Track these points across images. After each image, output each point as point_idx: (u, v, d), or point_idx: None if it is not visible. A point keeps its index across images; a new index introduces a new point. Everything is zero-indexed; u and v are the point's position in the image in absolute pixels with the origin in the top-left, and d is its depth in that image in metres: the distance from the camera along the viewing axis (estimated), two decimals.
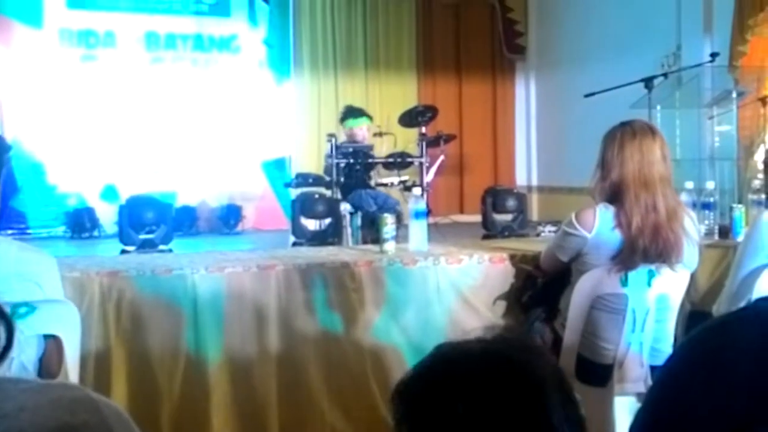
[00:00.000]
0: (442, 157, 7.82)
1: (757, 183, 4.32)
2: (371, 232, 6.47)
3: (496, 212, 7.59)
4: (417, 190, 4.60)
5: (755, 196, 4.15)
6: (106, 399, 1.10)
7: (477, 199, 8.24)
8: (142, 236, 6.81)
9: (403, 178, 7.42)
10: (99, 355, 3.21)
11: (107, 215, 9.61)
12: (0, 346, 1.06)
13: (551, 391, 1.12)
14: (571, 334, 3.13)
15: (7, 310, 2.15)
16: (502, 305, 3.67)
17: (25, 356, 2.31)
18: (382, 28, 11.42)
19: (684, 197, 3.77)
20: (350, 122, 7.47)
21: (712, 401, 1.10)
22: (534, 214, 10.64)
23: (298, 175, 7.99)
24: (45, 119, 9.99)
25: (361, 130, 7.42)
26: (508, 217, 7.59)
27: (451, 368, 1.13)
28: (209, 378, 3.40)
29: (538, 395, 1.11)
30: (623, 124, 3.09)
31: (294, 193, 7.82)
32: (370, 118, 7.60)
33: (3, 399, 1.01)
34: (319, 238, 6.51)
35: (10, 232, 9.04)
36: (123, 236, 6.89)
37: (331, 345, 3.57)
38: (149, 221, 6.89)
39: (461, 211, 11.23)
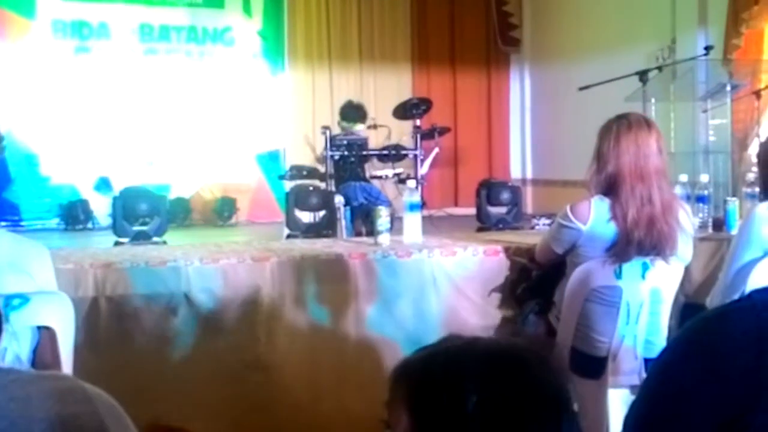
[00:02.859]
0: (436, 150, 7.82)
1: (750, 176, 4.31)
2: (365, 224, 6.46)
3: (491, 205, 7.59)
4: (411, 183, 4.59)
5: (749, 189, 4.14)
6: (98, 390, 1.09)
7: (471, 192, 8.24)
8: (136, 228, 6.80)
9: (398, 170, 7.42)
10: (93, 346, 3.20)
11: (101, 207, 9.59)
12: None
13: (564, 408, 1.12)
14: (565, 326, 3.13)
15: (1, 300, 2.15)
16: (496, 297, 3.67)
17: (18, 347, 2.31)
18: (377, 20, 11.40)
19: (678, 190, 3.77)
20: (343, 124, 7.52)
21: (707, 391, 1.10)
22: (528, 207, 10.65)
23: (292, 168, 7.98)
24: (38, 111, 9.96)
25: (354, 133, 7.45)
26: (503, 209, 7.59)
27: (467, 361, 1.12)
28: (202, 370, 3.39)
29: (555, 409, 1.11)
30: (619, 117, 3.09)
31: (288, 185, 7.81)
32: (364, 121, 7.61)
33: None
34: (313, 231, 6.50)
35: (3, 224, 9.02)
36: (117, 228, 6.87)
37: (324, 337, 3.57)
38: (143, 213, 6.88)
39: (456, 204, 11.23)
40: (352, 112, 7.61)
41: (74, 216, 9.81)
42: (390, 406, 1.17)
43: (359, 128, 7.48)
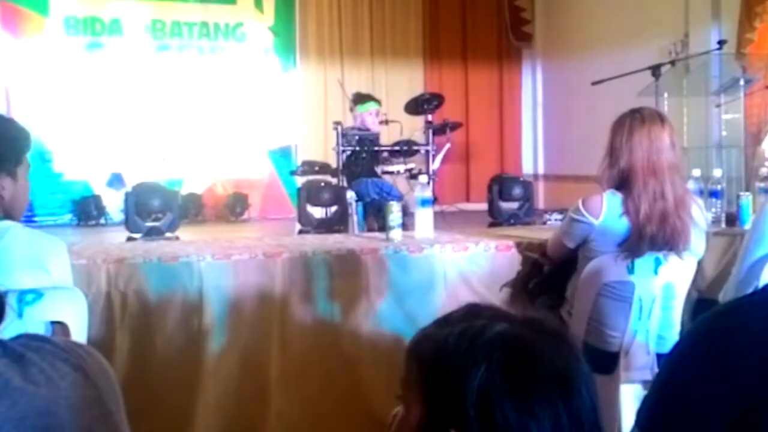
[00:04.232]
0: (448, 145, 7.81)
1: (764, 171, 4.29)
2: (378, 219, 6.46)
3: (503, 200, 7.56)
4: (423, 178, 4.61)
5: (762, 184, 4.13)
6: (90, 349, 1.11)
7: (483, 187, 8.22)
8: (149, 223, 6.79)
9: (409, 166, 7.41)
10: (105, 342, 3.22)
11: (113, 203, 9.63)
12: None
13: (581, 385, 1.12)
14: (577, 321, 3.13)
15: (15, 296, 2.16)
16: (507, 293, 3.67)
17: None
18: (389, 15, 11.39)
19: (691, 185, 3.76)
20: (359, 108, 7.47)
21: (719, 385, 1.10)
22: (540, 202, 10.62)
23: (304, 163, 7.98)
24: (51, 107, 9.99)
25: (371, 114, 7.39)
26: (515, 205, 7.57)
27: (479, 346, 1.11)
28: (214, 365, 3.40)
29: (562, 393, 1.10)
30: (632, 111, 3.08)
31: (300, 180, 7.82)
32: (378, 102, 7.60)
33: None
34: (325, 226, 6.50)
35: None
36: (129, 224, 6.87)
37: (335, 332, 3.57)
38: (155, 209, 6.87)
39: (467, 200, 11.21)
40: (362, 96, 7.61)
41: (87, 212, 9.85)
42: (404, 384, 1.18)
43: (373, 108, 7.44)
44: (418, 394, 1.14)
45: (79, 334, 2.44)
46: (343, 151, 7.02)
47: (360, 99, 7.54)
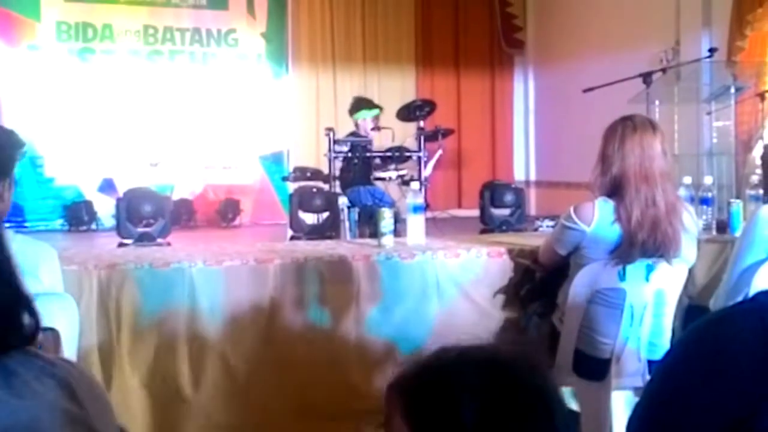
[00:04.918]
0: (440, 152, 7.81)
1: (754, 178, 4.30)
2: (369, 226, 6.46)
3: (494, 207, 7.57)
4: (415, 185, 4.60)
5: (753, 192, 4.13)
6: (79, 366, 1.11)
7: (475, 194, 8.23)
8: (140, 229, 6.78)
9: (401, 172, 7.40)
10: (97, 348, 3.21)
11: (105, 208, 9.60)
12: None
13: (555, 407, 1.14)
14: (568, 328, 3.13)
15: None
16: (500, 299, 3.67)
17: None
18: (381, 21, 11.41)
19: (682, 192, 3.77)
20: (366, 113, 7.47)
21: (711, 394, 1.10)
22: (532, 209, 10.63)
23: (295, 169, 7.97)
24: (43, 112, 9.97)
25: (374, 120, 7.43)
26: (506, 211, 7.57)
27: (460, 372, 1.13)
28: (205, 369, 3.40)
29: (546, 409, 1.12)
30: (624, 119, 3.09)
31: (292, 186, 7.81)
32: (380, 108, 7.64)
33: None
34: (316, 232, 6.49)
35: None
36: (120, 229, 6.86)
37: (327, 338, 3.56)
38: (147, 214, 6.85)
39: (459, 206, 11.22)
40: (367, 101, 7.63)
41: (78, 217, 9.82)
42: (387, 422, 1.17)
43: (378, 114, 7.48)
44: (403, 427, 1.14)
45: (70, 340, 2.43)
46: (335, 157, 7.01)
47: (366, 104, 7.55)
